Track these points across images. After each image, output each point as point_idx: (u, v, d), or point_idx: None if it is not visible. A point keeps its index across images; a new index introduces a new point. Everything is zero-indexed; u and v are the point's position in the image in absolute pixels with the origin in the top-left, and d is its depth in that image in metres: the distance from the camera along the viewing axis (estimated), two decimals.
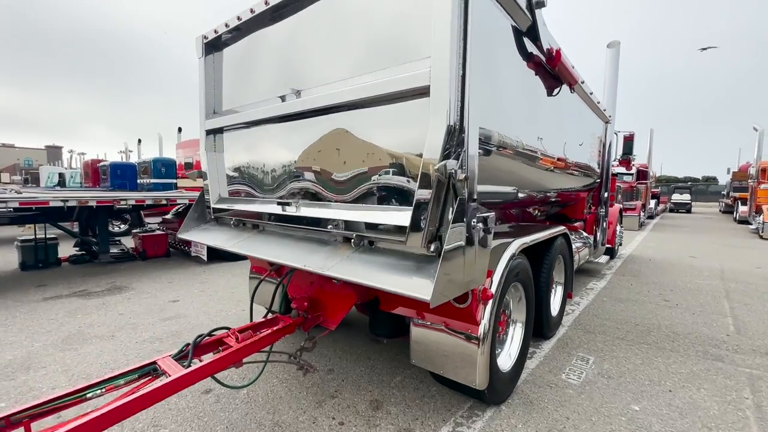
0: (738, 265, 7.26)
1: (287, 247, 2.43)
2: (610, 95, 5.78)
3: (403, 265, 1.85)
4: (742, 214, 16.05)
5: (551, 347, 3.45)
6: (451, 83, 1.68)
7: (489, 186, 2.60)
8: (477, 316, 2.16)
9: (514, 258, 2.52)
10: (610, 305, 4.73)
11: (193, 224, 3.34)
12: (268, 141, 2.79)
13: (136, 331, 3.79)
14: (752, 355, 3.34)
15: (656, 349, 3.45)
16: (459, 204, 1.70)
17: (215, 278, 5.94)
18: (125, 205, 5.78)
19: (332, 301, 2.65)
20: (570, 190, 4.67)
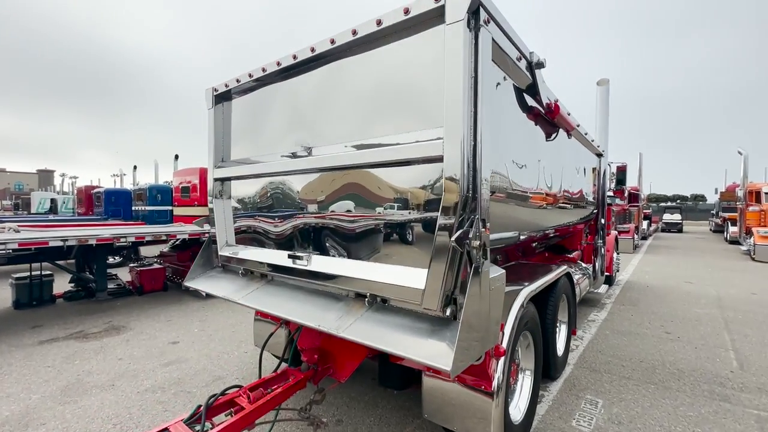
0: (734, 291, 7.35)
1: (298, 302, 2.44)
2: (602, 129, 5.98)
3: (419, 327, 1.87)
4: (732, 234, 16.35)
5: (559, 389, 3.43)
6: (464, 154, 1.75)
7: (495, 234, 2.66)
8: (490, 371, 2.17)
9: (523, 307, 2.55)
10: (613, 339, 4.74)
11: (200, 271, 3.33)
12: (278, 191, 2.84)
13: (137, 379, 3.71)
14: (758, 394, 3.36)
15: (663, 389, 3.45)
16: (474, 270, 1.75)
17: (214, 315, 5.86)
18: (125, 242, 5.75)
19: (343, 354, 2.64)
20: (569, 224, 4.76)
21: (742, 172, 14.35)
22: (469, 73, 1.77)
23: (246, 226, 3.14)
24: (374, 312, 2.09)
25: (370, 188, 2.23)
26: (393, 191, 2.12)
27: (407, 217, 2.04)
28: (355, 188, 2.28)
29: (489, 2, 1.84)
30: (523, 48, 2.32)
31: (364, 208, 2.26)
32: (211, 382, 3.63)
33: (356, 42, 2.19)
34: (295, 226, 2.68)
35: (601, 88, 6.09)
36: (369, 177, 2.22)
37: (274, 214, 2.87)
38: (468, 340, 1.69)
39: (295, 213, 2.68)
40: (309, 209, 2.57)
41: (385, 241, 2.15)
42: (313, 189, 2.54)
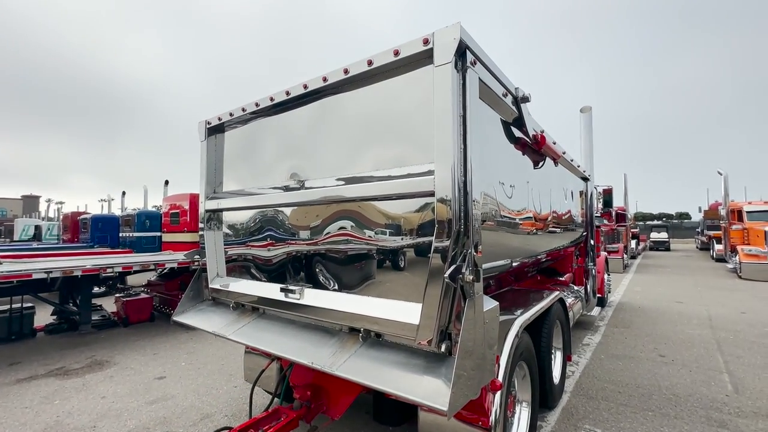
0: (724, 311, 7.42)
1: (291, 338, 2.39)
2: (587, 155, 6.16)
3: (414, 363, 1.85)
4: (718, 252, 16.65)
5: (557, 419, 3.38)
6: (455, 190, 1.79)
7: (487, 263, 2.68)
8: (487, 406, 2.13)
9: (518, 337, 2.54)
10: (608, 364, 4.71)
11: (189, 305, 3.26)
12: (271, 222, 2.84)
13: (120, 419, 3.54)
14: (755, 419, 3.35)
15: (660, 416, 3.42)
16: (468, 304, 1.75)
17: (203, 347, 5.69)
18: (111, 273, 5.61)
19: (337, 390, 2.58)
20: (560, 248, 4.81)
21: (723, 192, 14.78)
22: (458, 111, 1.84)
23: (237, 258, 3.11)
24: (368, 348, 2.06)
25: (362, 218, 2.24)
26: (386, 228, 2.13)
27: (401, 256, 2.05)
28: (349, 224, 2.29)
29: (475, 45, 1.93)
30: (508, 84, 2.42)
31: (357, 245, 2.26)
32: (199, 420, 3.48)
33: (348, 80, 2.26)
34: (287, 258, 2.67)
35: (585, 115, 6.31)
36: (362, 214, 2.24)
37: (266, 245, 2.85)
38: (464, 377, 1.68)
39: (288, 245, 2.67)
40: (301, 241, 2.57)
41: (379, 274, 2.15)
42: (305, 220, 2.54)
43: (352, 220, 2.28)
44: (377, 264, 2.15)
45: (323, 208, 2.44)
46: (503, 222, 2.64)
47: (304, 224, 2.56)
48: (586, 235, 6.21)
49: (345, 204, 2.31)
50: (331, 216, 2.38)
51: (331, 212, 2.39)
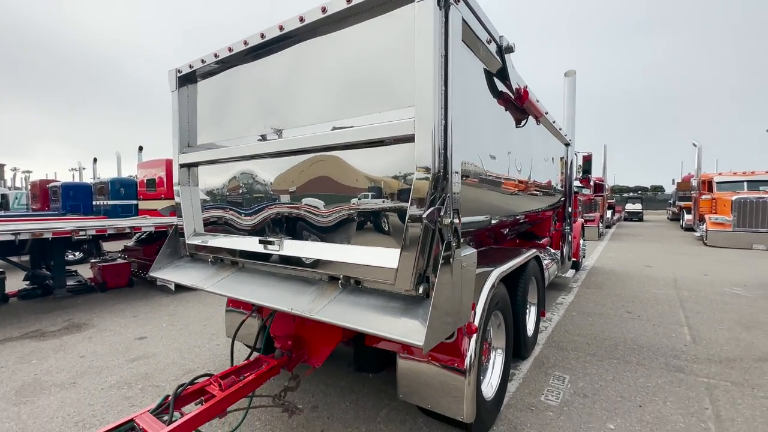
0: (688, 274, 7.85)
1: (271, 288, 2.39)
2: (569, 119, 6.18)
3: (392, 306, 1.88)
4: (687, 222, 17.43)
5: (529, 367, 3.56)
6: (435, 132, 1.76)
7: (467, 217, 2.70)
8: (462, 349, 2.22)
9: (494, 288, 2.62)
10: (579, 320, 4.96)
11: (167, 261, 3.21)
12: (248, 176, 2.76)
13: (101, 375, 3.54)
14: (708, 364, 3.62)
15: (624, 363, 3.65)
16: (446, 247, 1.77)
17: (184, 309, 5.67)
18: (84, 236, 5.43)
19: (317, 339, 2.62)
20: (538, 211, 4.91)
21: (696, 163, 15.27)
22: (440, 51, 1.77)
23: (215, 214, 3.04)
24: (348, 294, 2.08)
25: (342, 174, 2.20)
26: (366, 177, 2.10)
27: (380, 205, 2.03)
28: (328, 173, 2.25)
29: None
30: (492, 31, 2.35)
31: (336, 194, 2.23)
32: (182, 375, 3.52)
33: (326, 20, 2.14)
34: (266, 212, 2.62)
35: (569, 79, 6.28)
36: (341, 163, 2.19)
37: (245, 200, 2.79)
38: (440, 317, 1.72)
39: (267, 199, 2.61)
40: (281, 195, 2.52)
41: (358, 223, 2.14)
42: (285, 175, 2.48)
43: (332, 169, 2.23)
44: (356, 212, 2.13)
45: (302, 158, 2.37)
46: (483, 178, 2.64)
47: (284, 178, 2.50)
48: (565, 200, 6.34)
49: (324, 152, 2.26)
50: (310, 165, 2.33)
51: (309, 162, 2.33)
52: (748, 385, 3.22)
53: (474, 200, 2.62)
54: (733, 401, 2.96)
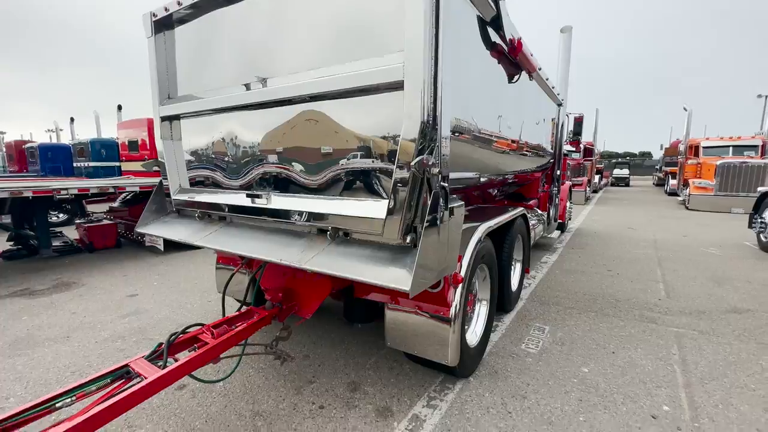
0: (668, 235, 8.11)
1: (260, 241, 2.40)
2: (563, 78, 6.06)
3: (380, 256, 1.91)
4: (672, 187, 17.77)
5: (512, 320, 3.73)
6: (425, 79, 1.71)
7: (456, 173, 2.70)
8: (448, 299, 2.29)
9: (481, 242, 2.67)
10: (561, 277, 5.15)
11: (152, 217, 3.17)
12: (233, 128, 2.68)
13: (94, 330, 3.60)
14: (679, 315, 3.83)
15: (601, 315, 3.84)
16: (434, 197, 1.78)
17: (175, 269, 5.70)
18: (66, 195, 5.30)
19: (307, 291, 2.68)
20: (527, 171, 4.93)
21: (685, 128, 15.32)
22: None
23: (201, 169, 2.97)
24: (337, 245, 2.10)
25: (330, 126, 2.15)
26: (353, 129, 2.06)
27: (368, 157, 2.00)
28: (315, 126, 2.19)
29: None
30: None
31: (324, 146, 2.19)
32: (175, 329, 3.57)
33: None
34: (253, 165, 2.57)
35: (564, 35, 6.08)
36: (329, 115, 2.13)
37: (231, 154, 2.73)
38: (427, 265, 1.76)
39: (254, 152, 2.55)
40: (268, 148, 2.46)
41: (346, 175, 2.12)
42: (272, 127, 2.41)
43: (319, 122, 2.18)
44: (344, 164, 2.10)
45: (289, 108, 2.30)
46: (473, 134, 2.61)
47: (270, 127, 2.43)
48: (554, 162, 6.36)
49: (311, 103, 2.19)
50: (297, 115, 2.26)
51: (297, 114, 2.27)
52: (714, 333, 3.43)
53: (463, 156, 2.60)
54: (699, 348, 3.17)
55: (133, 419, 2.32)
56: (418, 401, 2.47)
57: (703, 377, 2.74)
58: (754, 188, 11.66)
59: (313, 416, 2.33)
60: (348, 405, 2.44)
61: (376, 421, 2.29)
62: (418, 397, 2.51)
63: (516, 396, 2.52)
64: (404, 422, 2.27)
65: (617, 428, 2.21)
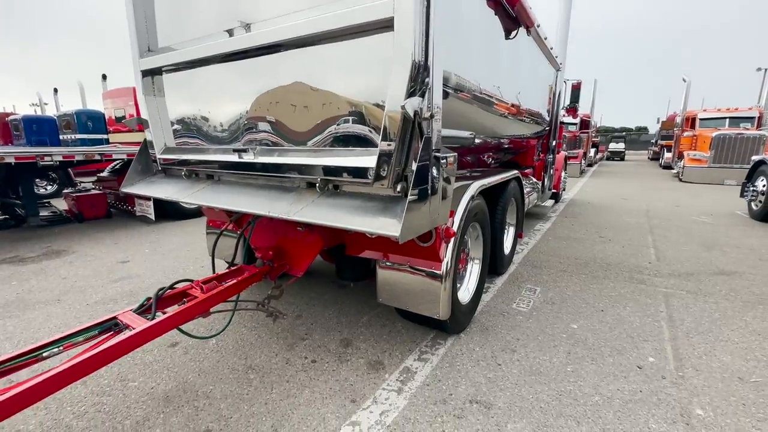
0: (660, 205, 8.16)
1: (248, 196, 2.34)
2: (562, 41, 5.87)
3: (370, 206, 1.87)
4: (666, 160, 17.78)
5: (504, 282, 3.76)
6: (416, 15, 1.61)
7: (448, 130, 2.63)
8: (440, 253, 2.28)
9: (474, 199, 2.64)
10: (554, 243, 5.18)
11: (138, 177, 3.08)
12: (218, 82, 2.57)
13: (85, 293, 3.58)
14: (668, 277, 3.89)
15: (592, 277, 3.89)
16: (425, 143, 1.72)
17: (167, 237, 5.65)
18: (50, 161, 5.15)
19: (298, 249, 2.65)
20: (522, 137, 4.85)
21: (683, 99, 15.15)
22: None
23: (186, 126, 2.87)
24: (326, 198, 2.05)
25: (317, 74, 2.06)
26: (343, 73, 1.97)
27: (357, 92, 1.92)
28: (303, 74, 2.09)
29: None
30: None
31: (311, 96, 2.10)
32: None
33: None
34: (239, 120, 2.48)
35: None
36: (316, 62, 2.03)
37: (217, 109, 2.62)
38: (416, 212, 1.72)
39: (240, 106, 2.46)
40: (254, 101, 2.36)
41: (335, 124, 2.04)
42: (258, 78, 2.31)
43: (306, 68, 2.08)
44: (333, 112, 2.02)
45: (274, 56, 2.19)
46: (467, 91, 2.51)
47: (255, 77, 2.33)
48: (549, 130, 6.27)
49: (297, 49, 2.08)
50: (283, 65, 2.16)
51: (282, 60, 2.16)
52: (702, 293, 3.49)
53: (455, 113, 2.53)
54: (685, 306, 3.23)
55: (125, 373, 2.33)
56: (410, 355, 2.51)
57: (689, 332, 2.80)
58: (748, 160, 11.68)
59: (305, 369, 2.36)
60: (340, 359, 2.47)
61: (368, 373, 2.32)
62: (409, 352, 2.54)
63: (506, 350, 2.56)
64: (395, 374, 2.31)
65: (604, 377, 2.26)
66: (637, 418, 1.93)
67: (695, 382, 2.22)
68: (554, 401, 2.06)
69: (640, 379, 2.24)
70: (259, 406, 2.03)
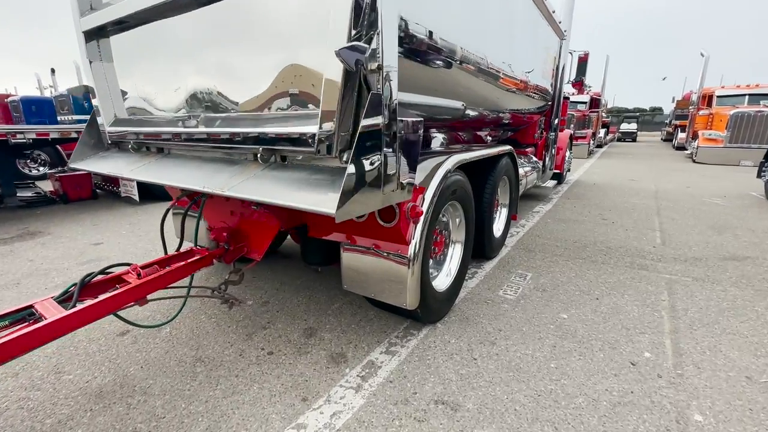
0: (670, 186, 7.73)
1: (190, 170, 2.08)
2: (567, 3, 5.39)
3: (316, 179, 1.59)
4: (680, 140, 17.03)
5: (493, 267, 3.48)
6: None
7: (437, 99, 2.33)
8: (406, 235, 2.00)
9: (451, 175, 2.33)
10: (552, 225, 4.86)
11: (89, 151, 2.83)
12: (164, 42, 2.26)
13: (47, 277, 3.39)
14: (673, 263, 3.57)
15: (589, 262, 3.59)
16: (373, 100, 1.41)
17: (148, 218, 5.45)
18: (23, 139, 4.92)
19: (254, 230, 2.39)
20: (519, 112, 4.48)
21: (700, 75, 14.35)
22: None
23: (135, 95, 2.59)
24: (271, 170, 1.78)
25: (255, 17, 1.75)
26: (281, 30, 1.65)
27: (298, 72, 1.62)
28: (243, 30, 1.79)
29: None
30: None
31: (253, 54, 1.80)
32: None
33: None
34: (183, 85, 2.19)
35: None
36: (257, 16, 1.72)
37: (163, 75, 2.33)
38: (362, 184, 1.43)
39: (183, 70, 2.16)
40: (197, 64, 2.07)
41: (276, 88, 1.75)
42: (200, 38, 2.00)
43: (244, 19, 1.77)
44: (276, 71, 1.72)
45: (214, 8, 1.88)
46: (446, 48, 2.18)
47: (197, 36, 2.02)
48: (552, 105, 5.85)
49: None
50: (222, 18, 1.85)
51: (221, 14, 1.85)
52: (709, 280, 3.18)
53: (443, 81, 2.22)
54: (690, 294, 2.93)
55: (63, 364, 2.14)
56: (377, 347, 2.27)
57: (692, 323, 2.51)
58: (767, 139, 11.08)
59: (259, 363, 2.14)
60: (300, 351, 2.24)
61: (327, 367, 2.09)
62: (378, 344, 2.31)
63: (484, 342, 2.31)
64: (357, 368, 2.08)
65: (591, 375, 2.00)
66: (624, 424, 1.68)
67: (695, 381, 1.95)
68: (531, 403, 1.81)
69: (633, 378, 1.98)
70: (198, 405, 1.82)
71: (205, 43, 2.01)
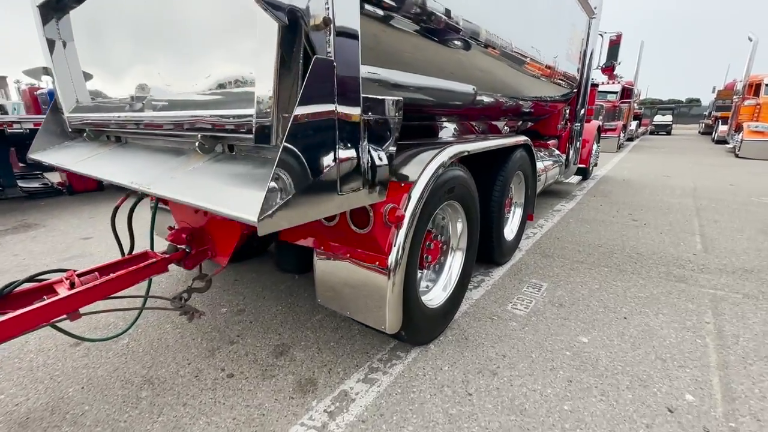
0: (711, 183, 6.99)
1: (135, 162, 1.78)
2: None
3: (256, 173, 1.24)
4: (720, 133, 15.74)
5: (502, 274, 3.07)
6: None
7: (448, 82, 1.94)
8: (384, 243, 1.63)
9: (447, 169, 1.94)
10: (574, 226, 4.36)
11: (53, 140, 2.59)
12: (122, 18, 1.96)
13: (26, 272, 3.22)
14: (718, 274, 3.05)
15: (617, 271, 3.11)
16: (317, 68, 1.04)
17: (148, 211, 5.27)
18: (20, 129, 4.82)
19: (219, 232, 2.08)
20: (539, 99, 3.99)
21: (747, 61, 13.12)
22: None
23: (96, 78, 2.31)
24: (214, 162, 1.44)
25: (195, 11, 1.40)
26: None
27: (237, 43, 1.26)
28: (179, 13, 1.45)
29: None
30: None
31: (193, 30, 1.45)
32: None
33: None
34: (133, 66, 1.88)
35: None
36: None
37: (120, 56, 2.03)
38: (306, 182, 1.07)
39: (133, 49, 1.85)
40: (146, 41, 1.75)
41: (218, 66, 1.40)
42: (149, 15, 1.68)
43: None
44: (218, 44, 1.38)
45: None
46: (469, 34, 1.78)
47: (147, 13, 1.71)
48: (578, 92, 5.28)
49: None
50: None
51: None
52: (764, 298, 2.66)
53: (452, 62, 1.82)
54: (741, 315, 2.44)
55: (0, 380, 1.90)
56: (355, 373, 1.92)
57: (745, 355, 2.04)
58: None
59: (214, 387, 1.83)
60: (264, 374, 1.92)
61: (291, 398, 1.76)
62: (356, 368, 1.96)
63: (484, 371, 1.92)
64: (326, 401, 1.74)
65: (615, 424, 1.59)
66: None
67: None
68: None
69: (670, 431, 1.55)
70: None
71: (148, 18, 1.68)
